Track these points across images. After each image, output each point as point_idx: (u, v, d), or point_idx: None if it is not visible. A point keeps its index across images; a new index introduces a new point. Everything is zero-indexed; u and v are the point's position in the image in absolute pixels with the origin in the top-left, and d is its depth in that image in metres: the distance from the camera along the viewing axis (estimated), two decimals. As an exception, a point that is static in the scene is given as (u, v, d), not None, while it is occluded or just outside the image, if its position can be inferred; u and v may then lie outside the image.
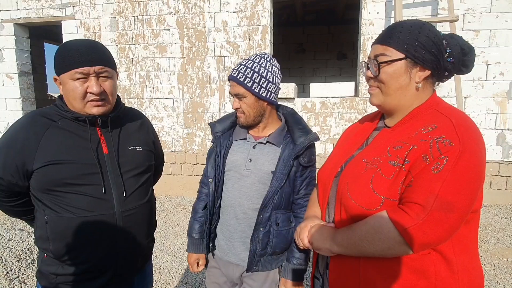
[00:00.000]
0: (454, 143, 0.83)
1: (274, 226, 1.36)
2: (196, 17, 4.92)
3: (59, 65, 1.15)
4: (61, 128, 1.19)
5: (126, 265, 1.28)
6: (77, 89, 1.14)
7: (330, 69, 8.89)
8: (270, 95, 1.35)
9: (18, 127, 1.19)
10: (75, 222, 1.16)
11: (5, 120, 5.71)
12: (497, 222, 3.95)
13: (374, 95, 1.02)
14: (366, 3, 4.44)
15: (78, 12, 5.22)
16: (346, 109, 4.68)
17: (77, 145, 1.18)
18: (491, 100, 4.33)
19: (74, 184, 1.15)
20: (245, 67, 1.32)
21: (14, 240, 3.43)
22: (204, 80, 5.05)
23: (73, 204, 1.16)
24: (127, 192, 1.24)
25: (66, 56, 1.13)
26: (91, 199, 1.17)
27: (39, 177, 1.15)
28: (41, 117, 1.19)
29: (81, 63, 1.12)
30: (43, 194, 1.16)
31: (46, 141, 1.15)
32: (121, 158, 1.26)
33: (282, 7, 7.05)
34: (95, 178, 1.18)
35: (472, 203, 0.83)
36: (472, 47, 0.97)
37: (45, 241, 1.19)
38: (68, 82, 1.15)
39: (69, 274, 1.20)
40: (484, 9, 4.18)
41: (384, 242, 0.85)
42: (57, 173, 1.14)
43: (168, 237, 3.71)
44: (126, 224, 1.24)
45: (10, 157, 1.15)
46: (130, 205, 1.25)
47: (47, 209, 1.17)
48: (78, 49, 1.13)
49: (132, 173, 1.28)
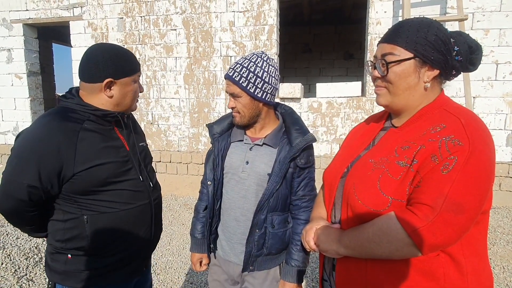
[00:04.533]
0: (464, 143, 0.81)
1: (269, 228, 1.36)
2: (203, 17, 4.93)
3: (122, 69, 1.25)
4: (89, 130, 1.22)
5: (148, 253, 1.46)
6: (137, 90, 1.34)
7: (336, 69, 8.84)
8: (266, 95, 1.33)
9: (47, 133, 1.15)
10: (119, 215, 1.26)
11: (13, 120, 5.78)
12: (507, 224, 3.89)
13: (381, 95, 1.00)
14: (374, 2, 4.40)
15: (86, 12, 5.27)
16: (353, 109, 4.64)
17: (109, 145, 1.26)
18: (500, 100, 4.26)
19: (115, 182, 1.25)
20: (241, 66, 1.30)
21: (22, 238, 3.47)
22: (210, 80, 5.05)
23: (115, 200, 1.26)
24: (152, 182, 1.41)
25: (129, 61, 1.28)
26: (130, 192, 1.30)
27: (80, 180, 1.17)
28: (66, 120, 1.18)
29: (139, 68, 1.33)
30: (81, 196, 1.20)
31: (81, 145, 1.17)
32: (140, 153, 1.39)
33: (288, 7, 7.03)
34: (131, 172, 1.31)
35: (482, 204, 0.81)
36: (479, 44, 0.95)
37: (79, 241, 1.22)
38: (130, 84, 1.29)
39: (102, 267, 1.27)
40: (494, 8, 4.12)
41: (392, 244, 0.83)
42: (100, 174, 1.21)
43: (174, 236, 3.72)
44: (155, 210, 1.41)
45: (45, 164, 1.12)
46: (155, 194, 1.42)
47: (84, 209, 1.22)
48: (132, 55, 1.32)
49: (149, 166, 1.45)
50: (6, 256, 3.05)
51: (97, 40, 5.29)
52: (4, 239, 3.43)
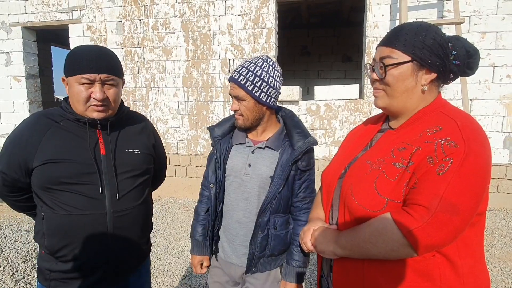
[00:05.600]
0: (459, 145, 0.82)
1: (272, 230, 1.37)
2: (201, 20, 4.95)
3: (68, 68, 1.21)
4: (62, 129, 1.24)
5: (118, 265, 1.31)
6: (82, 93, 1.19)
7: (335, 71, 8.88)
8: (270, 99, 1.34)
9: (23, 126, 1.26)
10: (68, 219, 1.21)
11: (12, 122, 5.78)
12: (504, 226, 3.90)
13: (379, 98, 1.02)
14: (371, 5, 4.43)
15: (85, 15, 5.28)
16: (351, 111, 4.66)
17: (76, 145, 1.23)
18: (497, 102, 4.29)
19: (70, 183, 1.20)
20: (247, 70, 1.31)
21: (20, 241, 3.46)
22: (208, 82, 5.07)
23: (67, 202, 1.21)
24: (120, 194, 1.27)
25: (76, 61, 1.19)
26: (85, 198, 1.22)
27: (38, 175, 1.20)
28: (45, 117, 1.26)
29: (89, 70, 1.17)
30: (41, 191, 1.22)
31: (46, 140, 1.21)
32: (117, 160, 1.29)
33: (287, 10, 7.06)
34: (91, 178, 1.22)
35: (477, 206, 0.82)
36: (476, 49, 0.97)
37: (41, 237, 1.25)
38: (74, 85, 1.20)
39: (62, 271, 1.25)
40: (490, 11, 4.15)
41: (388, 244, 0.84)
42: (54, 171, 1.19)
43: (172, 239, 3.72)
44: (117, 224, 1.26)
45: (14, 154, 1.22)
46: (122, 206, 1.28)
47: (44, 205, 1.23)
48: (88, 55, 1.19)
49: (128, 175, 1.31)
50: (3, 259, 3.04)
51: (95, 43, 5.30)
52: (1, 242, 3.42)
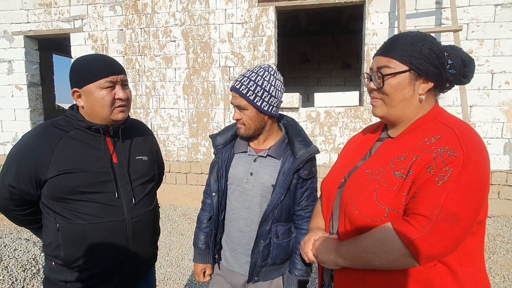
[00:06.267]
0: (458, 154, 0.83)
1: (274, 239, 1.37)
2: (202, 29, 5.00)
3: (84, 77, 1.21)
4: (73, 138, 1.24)
5: (133, 270, 1.33)
6: (106, 96, 1.21)
7: (334, 78, 8.92)
8: (272, 109, 1.35)
9: (32, 137, 1.23)
10: (87, 228, 1.21)
11: (13, 131, 5.79)
12: (506, 233, 3.88)
13: (377, 107, 1.03)
14: (370, 13, 4.47)
15: (87, 24, 5.33)
16: (351, 118, 4.67)
17: (90, 155, 1.24)
18: (497, 109, 4.30)
19: (86, 192, 1.20)
20: (248, 80, 1.31)
21: (20, 250, 3.44)
22: (209, 90, 5.09)
23: (85, 211, 1.21)
24: (136, 199, 1.31)
25: (92, 69, 1.20)
26: (102, 206, 1.23)
27: (52, 186, 1.19)
28: (54, 127, 1.25)
29: (110, 73, 1.21)
30: (54, 202, 1.21)
31: (59, 151, 1.20)
32: (130, 167, 1.33)
33: (286, 18, 7.13)
34: (107, 186, 1.24)
35: (477, 214, 0.82)
36: (472, 58, 0.98)
37: (55, 248, 1.23)
38: (95, 92, 1.20)
39: (78, 281, 1.23)
40: (488, 18, 4.19)
41: (389, 255, 0.84)
42: (70, 181, 1.18)
43: (173, 247, 3.70)
44: (135, 230, 1.30)
45: (24, 166, 1.19)
46: (138, 212, 1.32)
47: (59, 217, 1.21)
48: (102, 61, 1.22)
49: (140, 182, 1.35)
50: (3, 268, 3.02)
51: (97, 51, 5.34)
52: (1, 250, 3.40)
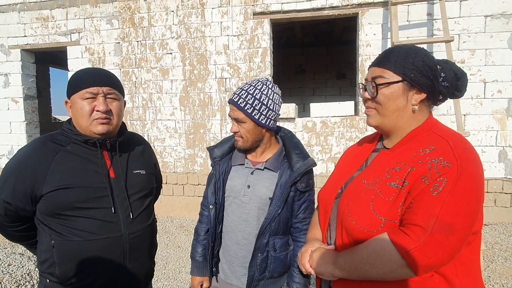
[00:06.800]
0: (452, 165, 0.84)
1: (271, 252, 1.36)
2: (198, 41, 5.05)
3: (71, 88, 1.23)
4: (70, 153, 1.22)
5: (131, 285, 1.31)
6: (85, 107, 1.20)
7: (330, 88, 9.00)
8: (270, 122, 1.35)
9: (28, 152, 1.21)
10: (84, 245, 1.18)
11: (8, 144, 5.76)
12: (504, 241, 3.88)
13: (371, 116, 1.05)
14: (363, 25, 4.56)
15: (83, 38, 5.37)
16: (347, 128, 4.71)
17: (87, 169, 1.22)
18: (490, 117, 4.36)
19: (83, 208, 1.18)
20: (246, 93, 1.32)
21: (14, 265, 3.38)
22: (205, 101, 5.12)
23: (81, 228, 1.18)
24: (133, 215, 1.28)
25: (79, 79, 1.22)
26: (99, 222, 1.20)
27: (48, 202, 1.16)
28: (51, 142, 1.23)
29: (92, 84, 1.20)
30: (51, 218, 1.18)
31: (55, 166, 1.18)
32: (128, 182, 1.31)
33: (281, 30, 7.23)
34: (104, 201, 1.22)
35: (472, 224, 0.83)
36: (464, 72, 1.01)
37: (50, 265, 1.20)
38: (77, 102, 1.21)
39: None
40: (479, 29, 4.28)
41: (386, 265, 0.84)
42: (66, 197, 1.16)
43: (170, 260, 3.66)
44: (132, 245, 1.27)
45: (20, 182, 1.17)
46: (136, 227, 1.29)
47: (54, 233, 1.18)
48: (90, 72, 1.24)
49: (137, 196, 1.33)
50: (-3, 284, 2.97)
51: (94, 64, 5.37)
52: (-5, 266, 3.34)
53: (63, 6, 5.38)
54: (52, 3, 5.40)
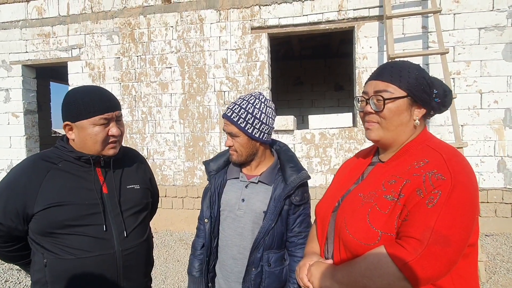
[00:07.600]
0: (446, 177, 0.85)
1: (266, 267, 1.34)
2: (197, 55, 5.12)
3: (77, 112, 1.18)
4: (62, 170, 1.21)
5: None
6: (100, 133, 1.20)
7: (328, 100, 9.07)
8: (263, 135, 1.37)
9: (19, 171, 1.21)
10: (76, 264, 1.16)
11: (8, 158, 5.76)
12: (506, 252, 3.85)
13: (373, 130, 1.04)
14: (359, 38, 4.63)
15: (84, 53, 5.44)
16: (345, 139, 4.73)
17: (79, 186, 1.21)
18: (488, 127, 4.39)
19: (74, 226, 1.17)
20: (239, 107, 1.34)
21: (12, 281, 3.34)
22: (204, 114, 5.16)
23: (73, 246, 1.16)
24: (127, 231, 1.26)
25: (88, 104, 1.18)
26: (91, 239, 1.18)
27: (39, 220, 1.15)
28: (42, 160, 1.22)
29: (106, 110, 1.20)
30: (42, 237, 1.17)
31: (47, 184, 1.17)
32: (121, 197, 1.29)
33: (279, 43, 7.34)
34: (96, 218, 1.20)
35: (468, 236, 0.84)
36: (450, 89, 1.05)
37: (42, 285, 1.18)
38: (88, 128, 1.19)
39: None
40: (473, 41, 4.35)
41: (384, 278, 0.84)
42: (58, 215, 1.15)
43: (169, 274, 3.62)
44: (126, 263, 1.25)
45: (11, 201, 1.16)
46: (130, 244, 1.27)
47: (46, 252, 1.17)
48: (98, 97, 1.20)
49: (131, 212, 1.31)
50: (-7, 301, 2.93)
51: (94, 78, 5.43)
52: (-8, 283, 3.31)
53: (64, 22, 5.48)
54: (54, 19, 5.50)
